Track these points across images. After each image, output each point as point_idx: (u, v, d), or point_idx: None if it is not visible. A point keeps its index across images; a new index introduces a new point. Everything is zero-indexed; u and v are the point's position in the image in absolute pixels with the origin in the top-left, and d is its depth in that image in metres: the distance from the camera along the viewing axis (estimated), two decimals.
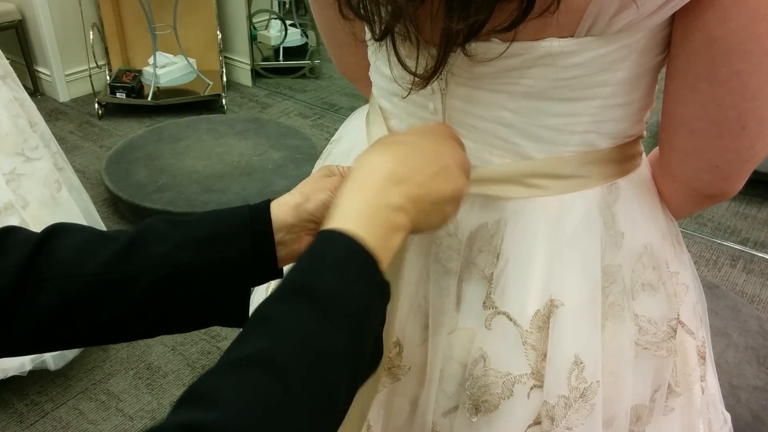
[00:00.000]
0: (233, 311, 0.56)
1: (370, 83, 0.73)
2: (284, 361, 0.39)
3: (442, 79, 0.59)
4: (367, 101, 0.76)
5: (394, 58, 0.57)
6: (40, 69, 3.31)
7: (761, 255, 2.25)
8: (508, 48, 0.53)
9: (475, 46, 0.54)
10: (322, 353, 0.41)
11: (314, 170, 0.81)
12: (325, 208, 0.58)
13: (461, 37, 0.51)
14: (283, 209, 0.57)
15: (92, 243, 0.53)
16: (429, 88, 0.59)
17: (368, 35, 0.60)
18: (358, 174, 0.50)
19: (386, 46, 0.56)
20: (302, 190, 0.59)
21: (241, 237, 0.55)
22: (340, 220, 0.46)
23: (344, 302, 0.44)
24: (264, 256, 0.56)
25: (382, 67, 0.65)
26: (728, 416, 0.79)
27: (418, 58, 0.55)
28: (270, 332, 0.41)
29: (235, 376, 0.38)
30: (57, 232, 0.53)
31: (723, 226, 2.40)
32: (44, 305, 0.50)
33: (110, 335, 0.54)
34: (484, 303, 0.62)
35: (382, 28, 0.54)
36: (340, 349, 0.42)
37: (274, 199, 0.59)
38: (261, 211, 0.56)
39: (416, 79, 0.56)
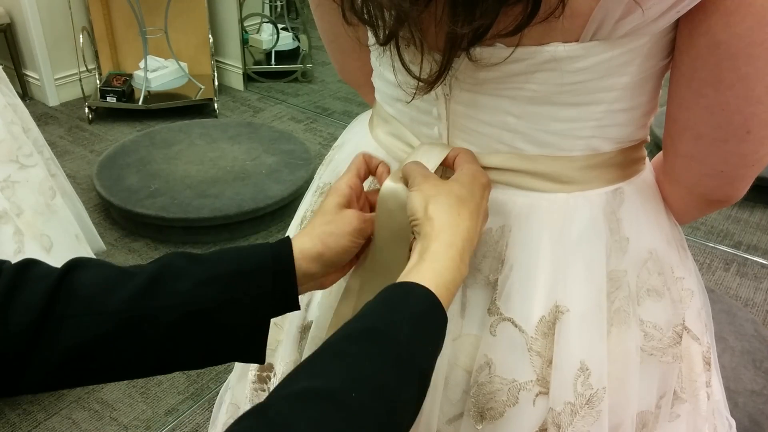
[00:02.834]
0: (252, 347, 0.56)
1: (372, 89, 0.72)
2: (358, 406, 0.41)
3: (446, 85, 0.58)
4: (361, 104, 0.75)
5: (398, 63, 0.56)
6: (28, 73, 3.29)
7: (754, 258, 2.26)
8: (512, 53, 0.52)
9: (480, 51, 0.53)
10: (392, 404, 0.43)
11: (316, 177, 0.81)
12: (347, 254, 0.59)
13: (466, 41, 0.50)
14: (306, 257, 0.57)
15: (113, 279, 0.52)
16: (433, 93, 0.58)
17: (372, 40, 0.59)
18: (450, 237, 0.53)
19: (390, 52, 0.56)
20: (322, 236, 0.59)
21: (264, 276, 0.55)
22: (424, 278, 0.50)
23: (418, 358, 0.47)
24: (285, 293, 0.57)
25: (385, 73, 0.64)
26: (733, 422, 0.79)
27: (422, 63, 0.55)
28: (346, 370, 0.43)
29: (309, 410, 0.40)
30: (77, 267, 0.53)
31: (716, 230, 2.41)
32: (66, 342, 0.50)
33: (129, 372, 0.54)
34: (488, 309, 0.62)
35: (386, 32, 0.53)
36: (406, 402, 0.45)
37: (270, 201, 0.60)
38: (282, 252, 0.57)
39: (420, 84, 0.56)
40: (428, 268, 0.51)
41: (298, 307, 0.58)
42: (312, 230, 0.59)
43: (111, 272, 0.53)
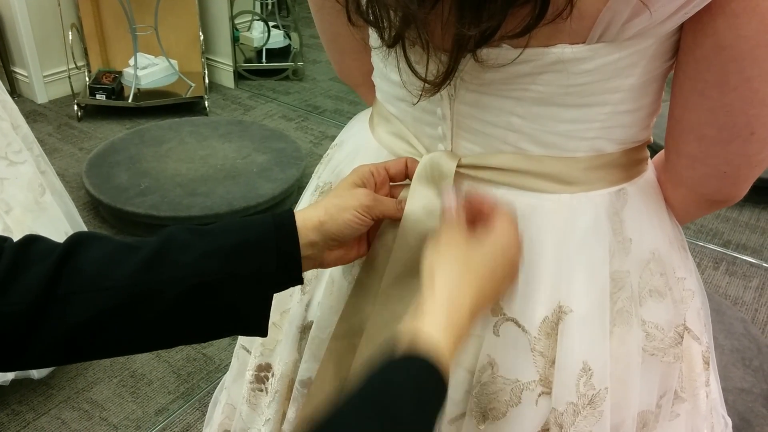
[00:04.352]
0: (255, 319, 0.57)
1: (370, 88, 0.72)
2: None
3: (451, 85, 0.58)
4: (353, 103, 0.75)
5: (403, 64, 0.56)
6: (17, 70, 3.25)
7: (743, 257, 2.28)
8: (519, 54, 0.52)
9: (486, 52, 0.53)
10: None
11: (315, 176, 0.80)
12: (348, 228, 0.58)
13: (473, 42, 0.50)
14: (307, 225, 0.57)
15: (117, 254, 0.52)
16: (438, 93, 0.58)
17: (376, 41, 0.59)
18: (447, 308, 0.51)
19: (395, 52, 0.55)
20: (327, 206, 0.59)
21: (267, 247, 0.55)
22: (428, 340, 0.48)
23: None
24: (289, 265, 0.56)
25: (390, 73, 0.64)
26: (729, 420, 0.80)
27: (428, 64, 0.55)
28: None
29: None
30: (80, 243, 0.52)
31: (705, 229, 2.43)
32: (72, 319, 0.50)
33: (135, 346, 0.54)
34: (492, 309, 0.62)
35: (392, 34, 0.53)
36: None
37: (261, 199, 0.60)
38: (286, 222, 0.57)
39: (426, 85, 0.55)
40: (423, 342, 0.49)
41: (301, 281, 0.58)
42: (319, 203, 0.60)
43: (114, 247, 0.53)
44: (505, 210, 0.59)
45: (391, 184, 0.65)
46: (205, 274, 0.53)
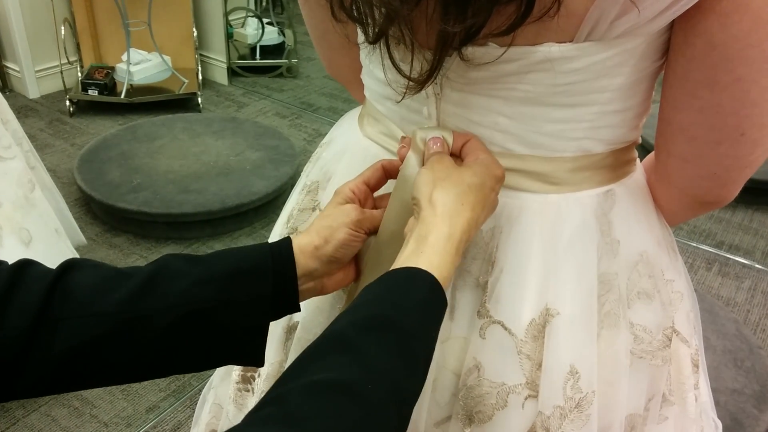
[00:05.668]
0: (251, 348, 0.55)
1: (361, 86, 0.71)
2: (373, 399, 0.42)
3: (437, 84, 0.57)
4: (346, 101, 0.74)
5: (388, 62, 0.55)
6: (8, 64, 3.23)
7: (736, 258, 2.29)
8: (505, 52, 0.52)
9: (472, 51, 0.52)
10: (402, 395, 0.44)
11: (303, 174, 0.80)
12: (344, 247, 0.57)
13: (457, 40, 0.50)
14: (305, 253, 0.56)
15: (108, 280, 0.51)
16: (423, 92, 0.57)
17: (361, 38, 0.58)
18: (450, 228, 0.52)
19: (380, 50, 0.55)
20: (319, 229, 0.58)
21: (263, 275, 0.54)
22: (425, 263, 0.50)
23: (423, 346, 0.48)
24: (285, 294, 0.55)
25: (375, 71, 0.63)
26: (719, 423, 0.80)
27: (412, 61, 0.54)
28: (358, 362, 0.43)
29: (328, 402, 0.40)
30: (71, 268, 0.51)
31: (698, 230, 2.43)
32: (60, 345, 0.48)
33: (127, 375, 0.52)
34: (478, 312, 0.61)
35: (376, 30, 0.52)
36: (413, 391, 0.46)
37: (254, 197, 0.59)
38: (282, 250, 0.56)
39: (410, 83, 0.55)
40: (425, 261, 0.50)
41: (298, 308, 0.57)
42: (310, 228, 0.58)
43: (106, 273, 0.52)
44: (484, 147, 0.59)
45: (377, 197, 0.63)
46: (195, 303, 0.51)
